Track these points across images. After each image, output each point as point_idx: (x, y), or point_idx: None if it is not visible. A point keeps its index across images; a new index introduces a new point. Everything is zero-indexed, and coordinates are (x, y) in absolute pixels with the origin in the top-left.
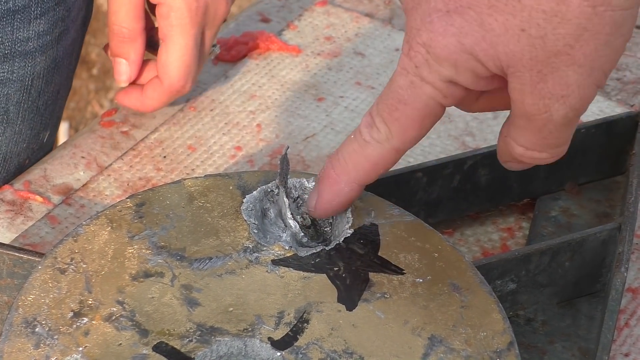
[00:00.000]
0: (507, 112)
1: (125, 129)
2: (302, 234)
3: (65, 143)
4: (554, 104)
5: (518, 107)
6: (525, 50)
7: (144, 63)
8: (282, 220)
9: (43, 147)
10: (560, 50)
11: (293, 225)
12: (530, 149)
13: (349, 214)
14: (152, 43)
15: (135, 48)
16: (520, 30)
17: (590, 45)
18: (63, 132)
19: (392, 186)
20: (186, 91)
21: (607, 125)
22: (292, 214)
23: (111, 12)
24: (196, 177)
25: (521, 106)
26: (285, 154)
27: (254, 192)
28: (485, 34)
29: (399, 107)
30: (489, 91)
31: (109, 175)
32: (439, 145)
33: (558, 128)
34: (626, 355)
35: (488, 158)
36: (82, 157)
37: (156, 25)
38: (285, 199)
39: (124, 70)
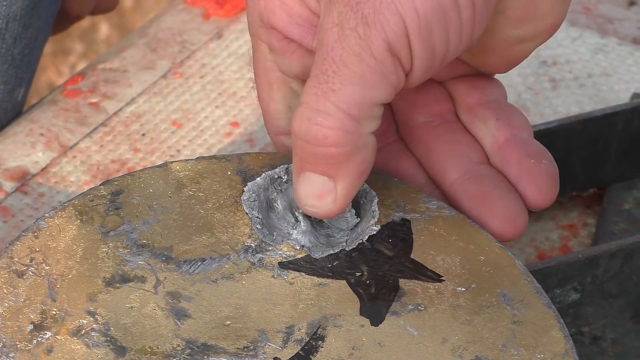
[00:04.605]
0: (569, 83)
1: (94, 99)
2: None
3: (19, 118)
4: (347, 12)
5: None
6: None
7: None
8: (292, 213)
9: (16, 106)
10: None
11: (303, 222)
12: (304, 104)
13: (374, 207)
14: None
15: None
16: None
17: None
18: None
19: None
20: None
21: None
22: None
23: None
24: (186, 160)
25: (319, 28)
26: None
27: (258, 178)
28: None
29: None
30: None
31: (75, 156)
32: None
33: (339, 59)
34: None
35: (544, 137)
36: (41, 135)
37: None
38: None
39: None
